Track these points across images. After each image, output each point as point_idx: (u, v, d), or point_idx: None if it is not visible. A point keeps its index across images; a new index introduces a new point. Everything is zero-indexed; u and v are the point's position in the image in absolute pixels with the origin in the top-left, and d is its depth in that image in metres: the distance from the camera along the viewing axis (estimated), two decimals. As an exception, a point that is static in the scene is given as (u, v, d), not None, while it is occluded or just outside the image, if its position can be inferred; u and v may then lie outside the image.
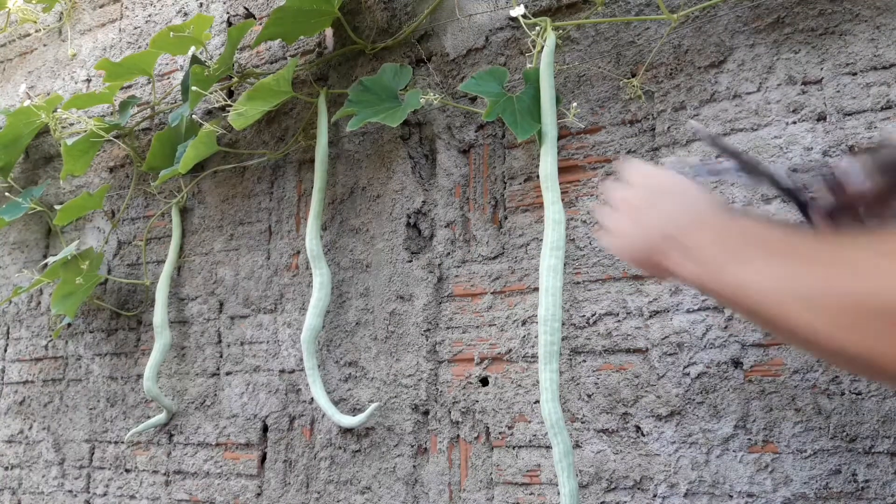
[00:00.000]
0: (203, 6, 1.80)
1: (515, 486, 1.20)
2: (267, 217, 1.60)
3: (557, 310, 1.09)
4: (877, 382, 0.95)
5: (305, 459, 1.44)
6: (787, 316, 0.57)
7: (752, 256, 0.62)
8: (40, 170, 2.07)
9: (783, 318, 0.57)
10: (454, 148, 1.36)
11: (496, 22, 1.35)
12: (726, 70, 1.11)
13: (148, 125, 1.83)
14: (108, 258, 1.84)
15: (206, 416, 1.59)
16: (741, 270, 0.62)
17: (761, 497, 1.01)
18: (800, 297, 0.56)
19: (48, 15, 2.17)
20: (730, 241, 0.65)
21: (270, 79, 1.39)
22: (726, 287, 0.63)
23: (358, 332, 1.41)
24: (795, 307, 0.56)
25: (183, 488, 1.60)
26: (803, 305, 0.56)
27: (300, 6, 1.38)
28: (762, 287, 0.59)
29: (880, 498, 0.94)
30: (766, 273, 0.59)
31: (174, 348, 1.67)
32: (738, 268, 0.62)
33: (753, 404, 1.03)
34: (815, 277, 0.56)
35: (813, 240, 0.62)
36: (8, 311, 2.04)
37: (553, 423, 1.07)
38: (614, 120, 1.21)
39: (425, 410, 1.31)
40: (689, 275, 0.68)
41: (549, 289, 1.09)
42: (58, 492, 1.81)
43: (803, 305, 0.56)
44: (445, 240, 1.34)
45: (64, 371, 1.87)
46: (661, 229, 0.72)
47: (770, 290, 0.59)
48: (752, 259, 0.61)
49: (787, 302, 0.57)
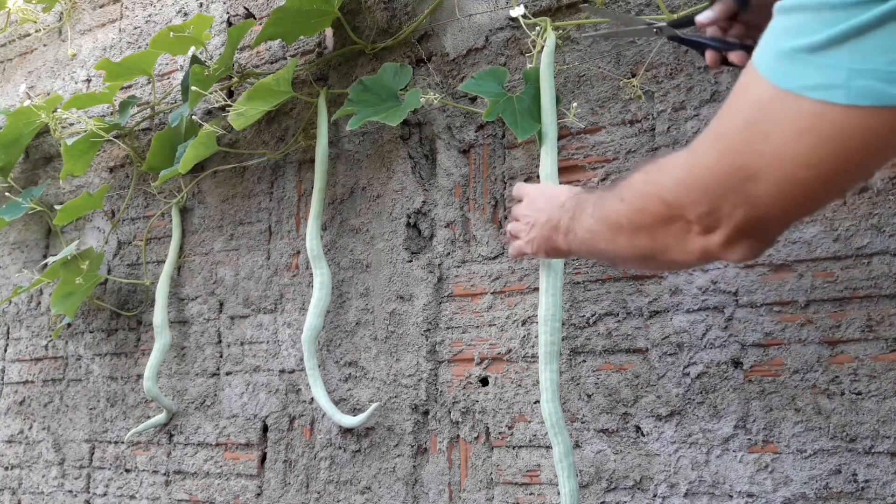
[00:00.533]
0: (203, 6, 1.80)
1: (515, 486, 1.20)
2: (267, 217, 1.60)
3: (557, 310, 1.09)
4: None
5: (305, 459, 1.44)
6: (596, 248, 0.82)
7: (580, 215, 0.85)
8: (40, 170, 2.07)
9: (596, 249, 0.83)
10: (454, 148, 1.36)
11: (496, 22, 1.35)
12: (726, 69, 1.11)
13: (148, 125, 1.83)
14: (108, 258, 1.84)
15: (206, 416, 1.59)
16: (575, 228, 0.86)
17: (761, 497, 1.01)
18: (589, 231, 0.82)
19: (48, 15, 2.17)
20: (571, 211, 0.88)
21: (270, 79, 1.39)
22: (577, 246, 0.86)
23: (358, 332, 1.41)
24: (591, 240, 0.81)
25: (183, 488, 1.60)
26: (594, 237, 0.81)
27: (300, 6, 1.38)
28: (582, 235, 0.84)
29: (880, 498, 0.94)
30: (582, 229, 0.84)
31: (174, 348, 1.67)
32: (573, 227, 0.86)
33: (753, 404, 1.03)
34: (593, 217, 0.81)
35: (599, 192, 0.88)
36: (8, 311, 2.04)
37: (553, 423, 1.06)
38: (614, 120, 1.21)
39: (425, 410, 1.31)
40: (564, 245, 0.90)
41: (548, 289, 1.09)
42: (58, 492, 1.81)
43: (594, 237, 0.81)
44: (445, 240, 1.34)
45: (64, 371, 1.87)
46: (544, 223, 0.93)
47: (584, 238, 0.83)
48: (580, 216, 0.84)
49: (588, 239, 0.82)
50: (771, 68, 0.58)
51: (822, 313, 1.01)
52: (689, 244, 0.68)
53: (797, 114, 0.56)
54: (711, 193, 0.63)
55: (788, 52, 0.56)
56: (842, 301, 1.00)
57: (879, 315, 0.97)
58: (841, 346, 0.99)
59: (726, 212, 0.63)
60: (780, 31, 0.58)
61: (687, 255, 0.69)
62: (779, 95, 0.57)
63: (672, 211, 0.67)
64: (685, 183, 0.65)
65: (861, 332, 0.98)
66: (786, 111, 0.57)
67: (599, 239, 0.80)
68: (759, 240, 0.66)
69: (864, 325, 0.98)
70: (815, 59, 0.54)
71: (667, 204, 0.67)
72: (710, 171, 0.63)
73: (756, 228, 0.64)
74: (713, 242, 0.65)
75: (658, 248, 0.71)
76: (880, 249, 0.98)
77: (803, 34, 0.55)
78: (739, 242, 0.65)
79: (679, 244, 0.68)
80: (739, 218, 0.63)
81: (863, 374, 0.97)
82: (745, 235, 0.64)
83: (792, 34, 0.56)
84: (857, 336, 0.98)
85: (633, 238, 0.73)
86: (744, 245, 0.65)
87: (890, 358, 0.96)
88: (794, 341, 1.02)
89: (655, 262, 0.75)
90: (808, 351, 1.01)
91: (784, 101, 0.56)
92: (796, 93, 0.56)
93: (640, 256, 0.75)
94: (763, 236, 0.66)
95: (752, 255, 0.67)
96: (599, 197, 0.83)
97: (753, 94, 0.59)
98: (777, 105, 0.57)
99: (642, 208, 0.71)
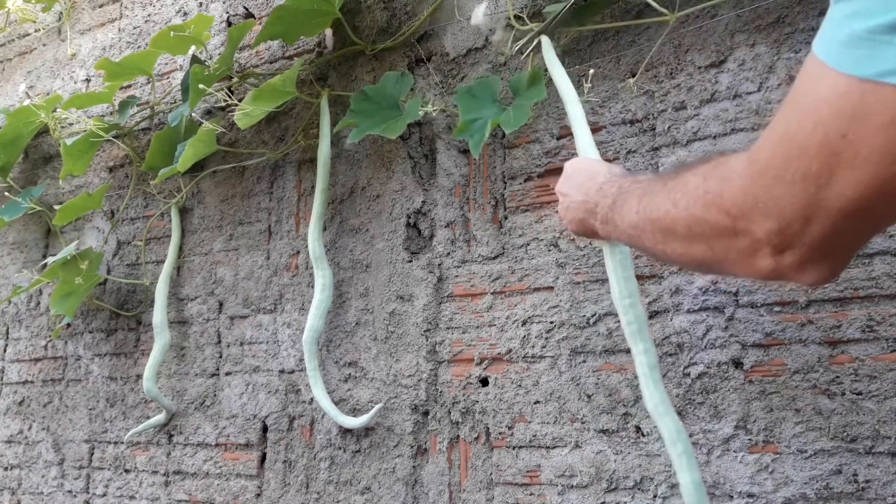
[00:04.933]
0: (203, 6, 1.80)
1: (515, 486, 1.20)
2: (266, 217, 1.59)
3: (625, 289, 0.96)
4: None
5: (305, 460, 1.44)
6: (642, 245, 0.76)
7: (621, 208, 0.79)
8: (40, 170, 2.06)
9: (641, 246, 0.77)
10: (454, 148, 1.36)
11: (496, 22, 1.35)
12: (727, 70, 1.11)
13: (147, 125, 1.83)
14: (108, 258, 1.84)
15: (206, 417, 1.59)
16: (615, 219, 0.80)
17: (762, 497, 1.01)
18: (635, 227, 0.75)
19: (48, 15, 2.16)
20: (611, 198, 0.82)
21: (277, 79, 1.39)
22: (618, 237, 0.82)
23: (358, 333, 1.41)
24: (638, 237, 0.76)
25: (182, 489, 1.60)
26: (641, 235, 0.75)
27: (300, 6, 1.38)
28: (624, 229, 0.78)
29: (881, 498, 0.94)
30: (625, 223, 0.78)
31: (174, 348, 1.67)
32: (614, 218, 0.81)
33: (754, 405, 1.03)
34: (639, 215, 0.74)
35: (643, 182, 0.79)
36: (7, 312, 2.04)
37: (655, 406, 0.93)
38: (614, 120, 1.20)
39: (425, 411, 1.31)
40: (602, 232, 0.86)
41: (615, 268, 0.97)
42: (57, 492, 1.81)
43: (641, 235, 0.75)
44: (445, 240, 1.34)
45: (63, 371, 1.87)
46: (580, 204, 0.89)
47: (628, 233, 0.78)
48: (622, 208, 0.79)
49: (634, 235, 0.76)
50: (841, 56, 0.51)
51: (822, 313, 1.01)
52: (756, 263, 0.60)
53: (880, 104, 0.49)
54: (782, 207, 0.55)
55: (862, 35, 0.49)
56: (842, 301, 1.00)
57: (880, 315, 0.97)
58: (841, 347, 0.99)
59: (800, 228, 0.55)
60: (848, 14, 0.51)
61: (753, 272, 0.62)
62: (854, 86, 0.50)
63: (737, 224, 0.60)
64: (752, 194, 0.58)
65: (862, 333, 0.98)
66: (866, 102, 0.49)
67: (648, 239, 0.73)
68: (838, 259, 0.58)
69: (865, 325, 0.98)
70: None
71: (731, 217, 0.60)
72: (779, 180, 0.55)
73: (835, 246, 0.56)
74: (785, 264, 0.58)
75: (718, 259, 0.64)
76: (881, 249, 0.98)
77: (879, 12, 0.48)
78: (816, 264, 0.57)
79: (744, 260, 0.61)
80: (816, 235, 0.55)
81: (863, 375, 0.97)
82: (822, 255, 0.57)
83: (863, 15, 0.49)
84: (857, 336, 0.98)
85: (688, 245, 0.67)
86: (820, 266, 0.58)
87: (890, 358, 0.96)
88: (794, 341, 1.02)
89: (714, 270, 0.69)
90: (809, 351, 1.01)
91: (861, 91, 0.49)
92: (876, 80, 0.49)
93: (696, 263, 0.69)
94: (842, 255, 0.58)
95: (828, 278, 0.59)
96: (645, 191, 0.75)
97: (822, 88, 0.52)
98: (854, 97, 0.50)
99: (702, 218, 0.63)
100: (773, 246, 0.58)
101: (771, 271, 0.60)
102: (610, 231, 0.83)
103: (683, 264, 0.78)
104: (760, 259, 0.59)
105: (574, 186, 0.91)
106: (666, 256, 0.73)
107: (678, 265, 1.02)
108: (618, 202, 0.80)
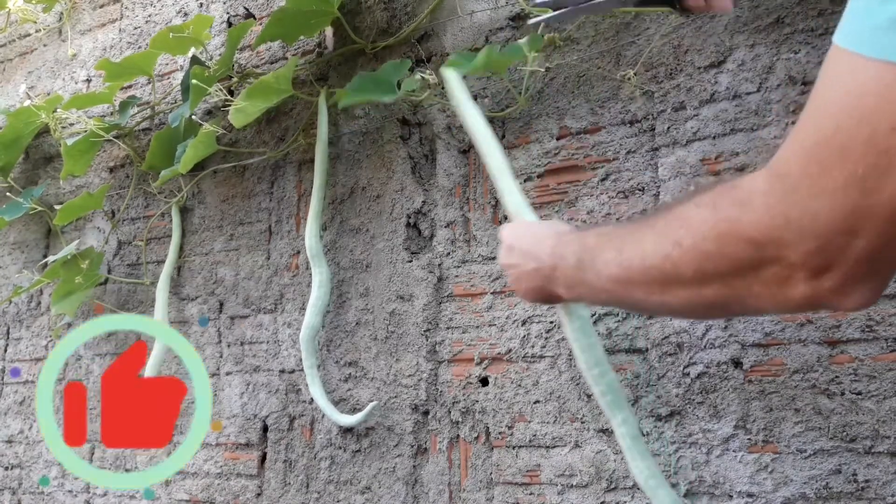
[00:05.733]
0: (203, 6, 1.80)
1: (515, 486, 1.20)
2: (267, 217, 1.60)
3: (593, 357, 0.91)
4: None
5: (305, 459, 1.44)
6: (627, 300, 0.69)
7: (593, 265, 0.72)
8: (40, 170, 2.07)
9: (629, 301, 0.70)
10: (454, 148, 1.36)
11: (496, 22, 1.35)
12: (726, 70, 1.11)
13: (148, 125, 1.83)
14: (108, 258, 1.84)
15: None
16: (587, 279, 0.73)
17: (761, 497, 1.01)
18: (616, 282, 0.68)
19: (48, 15, 2.17)
20: (573, 258, 0.75)
21: (271, 76, 1.39)
22: (592, 297, 0.75)
23: (358, 332, 1.41)
24: (621, 292, 0.68)
25: (183, 488, 1.60)
26: (625, 289, 0.67)
27: (300, 7, 1.38)
28: (602, 286, 0.70)
29: (880, 498, 0.94)
30: (601, 279, 0.70)
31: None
32: (585, 278, 0.73)
33: (753, 404, 1.03)
34: (621, 266, 0.67)
35: (612, 231, 0.74)
36: (8, 311, 2.04)
37: (646, 480, 0.89)
38: (614, 120, 1.21)
39: (425, 410, 1.31)
40: (568, 296, 0.79)
41: (578, 339, 0.93)
42: (58, 492, 1.81)
43: (625, 289, 0.67)
44: (445, 240, 1.34)
45: (64, 371, 1.87)
46: (532, 272, 0.82)
47: (607, 289, 0.70)
48: (594, 266, 0.71)
49: (615, 291, 0.69)
50: (883, 42, 0.46)
51: (822, 313, 1.01)
52: (788, 291, 0.54)
53: None
54: (822, 223, 0.49)
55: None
56: (842, 301, 1.00)
57: (879, 315, 0.97)
58: (841, 346, 0.99)
59: (843, 244, 0.49)
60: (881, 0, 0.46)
61: (784, 304, 0.55)
62: (894, 73, 0.45)
63: (764, 253, 0.53)
64: (782, 214, 0.51)
65: (861, 332, 0.98)
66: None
67: (639, 292, 0.65)
68: (883, 276, 0.53)
69: (865, 325, 0.98)
70: None
71: (756, 245, 0.53)
72: (816, 192, 0.49)
73: (881, 261, 0.51)
74: (825, 288, 0.52)
75: (739, 297, 0.57)
76: (880, 249, 0.98)
77: None
78: (859, 284, 0.52)
79: (772, 292, 0.54)
80: (862, 250, 0.49)
81: (863, 374, 0.97)
82: (866, 273, 0.51)
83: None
84: (857, 336, 0.98)
85: (699, 290, 0.59)
86: (864, 286, 0.52)
87: (890, 358, 0.96)
88: (794, 341, 1.02)
89: (730, 311, 0.64)
90: (808, 351, 1.01)
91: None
92: None
93: (707, 307, 0.62)
94: (887, 270, 0.52)
95: (871, 300, 0.53)
96: (624, 240, 0.68)
97: (861, 81, 0.47)
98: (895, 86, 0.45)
99: (717, 253, 0.56)
100: (810, 269, 0.51)
101: (807, 299, 0.54)
102: (582, 293, 0.76)
103: (689, 313, 0.71)
104: (794, 287, 0.53)
105: (521, 255, 0.84)
106: (665, 307, 0.66)
107: (681, 315, 0.91)
108: (585, 260, 0.73)
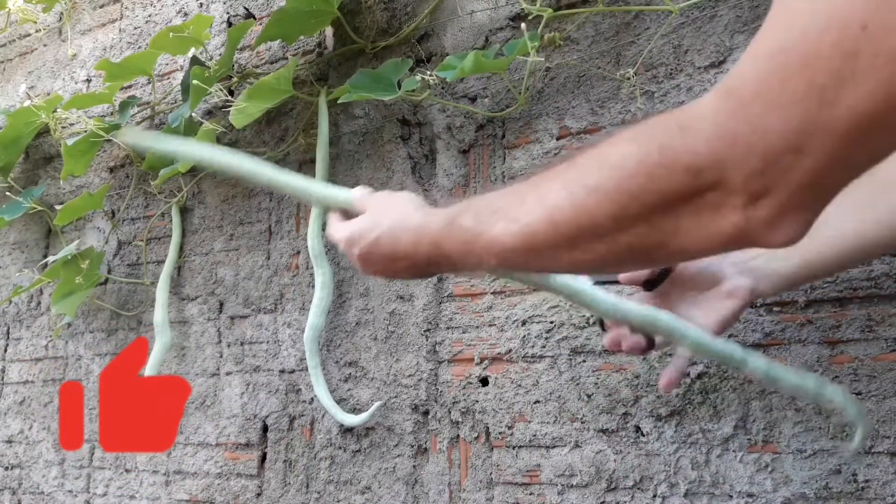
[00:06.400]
0: (203, 6, 1.80)
1: (515, 486, 1.20)
2: (267, 217, 1.60)
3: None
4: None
5: (305, 459, 1.44)
6: (538, 262, 0.63)
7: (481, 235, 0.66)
8: (40, 170, 2.07)
9: (524, 267, 0.68)
10: (454, 148, 1.36)
11: (496, 22, 1.35)
12: (726, 70, 1.11)
13: (148, 125, 1.83)
14: (109, 258, 1.84)
15: (206, 416, 1.59)
16: (479, 250, 0.67)
17: (761, 497, 1.01)
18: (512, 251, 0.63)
19: (48, 15, 2.16)
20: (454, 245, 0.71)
21: (271, 77, 1.39)
22: (482, 265, 0.71)
23: (358, 332, 1.41)
24: (526, 256, 0.62)
25: (183, 488, 1.60)
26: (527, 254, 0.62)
27: (300, 7, 1.38)
28: (498, 255, 0.65)
29: (880, 498, 0.94)
30: (494, 245, 0.65)
31: (174, 348, 1.67)
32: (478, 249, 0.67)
33: (753, 404, 1.04)
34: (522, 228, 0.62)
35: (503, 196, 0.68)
36: (8, 311, 2.04)
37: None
38: (614, 120, 1.21)
39: (425, 410, 1.31)
40: (447, 271, 0.83)
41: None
42: (58, 492, 1.81)
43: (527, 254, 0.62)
44: (445, 240, 1.34)
45: (64, 371, 1.87)
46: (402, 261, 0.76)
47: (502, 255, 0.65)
48: (483, 236, 0.66)
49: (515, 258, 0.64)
50: None
51: (822, 313, 1.01)
52: (719, 222, 0.49)
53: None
54: (771, 139, 0.44)
55: None
56: (842, 301, 1.00)
57: (879, 315, 0.97)
58: (841, 346, 0.99)
59: (788, 163, 0.44)
60: None
61: (710, 238, 0.50)
62: None
63: (701, 180, 0.48)
64: (730, 131, 0.46)
65: (861, 333, 0.98)
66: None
67: (546, 256, 0.59)
68: (815, 209, 0.48)
69: (865, 325, 0.98)
70: None
71: (693, 171, 0.48)
72: (772, 104, 0.44)
73: (821, 188, 0.46)
74: (757, 217, 0.47)
75: (659, 240, 0.52)
76: (880, 249, 0.98)
77: None
78: (793, 214, 0.47)
79: (701, 224, 0.50)
80: (806, 171, 0.44)
81: (863, 374, 0.97)
82: (804, 201, 0.47)
83: None
84: (857, 336, 0.98)
85: (616, 238, 0.53)
86: (797, 218, 0.47)
87: (890, 358, 0.96)
88: (794, 341, 1.02)
89: (642, 260, 0.59)
90: (808, 351, 1.01)
91: None
92: None
93: (620, 258, 0.56)
94: (822, 202, 0.48)
95: (800, 235, 0.49)
96: (512, 202, 0.62)
97: None
98: None
99: (643, 189, 0.51)
100: (748, 194, 0.47)
101: (737, 231, 0.49)
102: (468, 263, 0.69)
103: (600, 267, 0.64)
104: (726, 216, 0.48)
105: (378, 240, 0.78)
106: (573, 265, 0.60)
107: (588, 272, 0.76)
108: (470, 230, 0.66)
